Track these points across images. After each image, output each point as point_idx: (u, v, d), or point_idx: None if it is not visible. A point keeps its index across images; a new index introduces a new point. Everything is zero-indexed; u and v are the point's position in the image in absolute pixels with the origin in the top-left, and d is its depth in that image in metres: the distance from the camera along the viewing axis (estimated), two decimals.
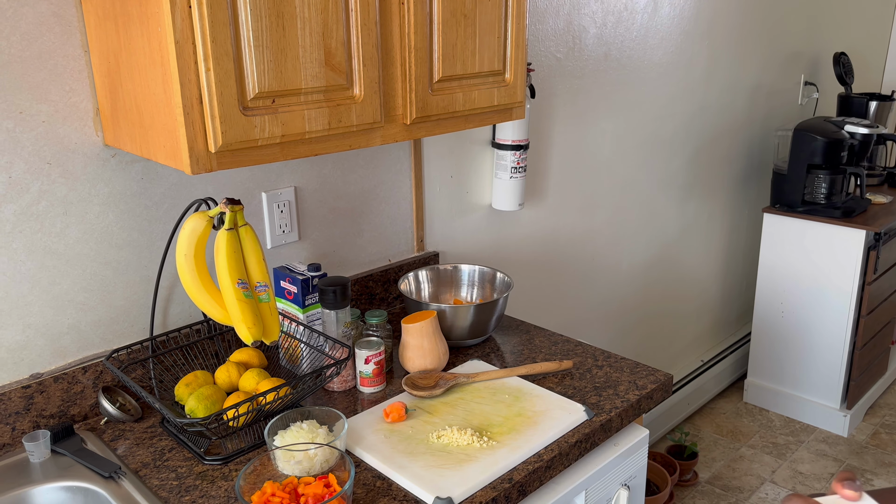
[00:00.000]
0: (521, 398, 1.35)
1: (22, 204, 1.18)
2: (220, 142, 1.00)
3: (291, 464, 1.09)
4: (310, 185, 1.56)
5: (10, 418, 1.21)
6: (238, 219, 1.15)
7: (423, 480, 1.11)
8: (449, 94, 1.29)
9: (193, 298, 1.18)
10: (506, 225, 2.05)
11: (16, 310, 1.21)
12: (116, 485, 1.13)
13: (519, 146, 1.88)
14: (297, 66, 1.06)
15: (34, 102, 1.16)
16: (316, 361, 1.37)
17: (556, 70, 2.06)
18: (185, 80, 0.97)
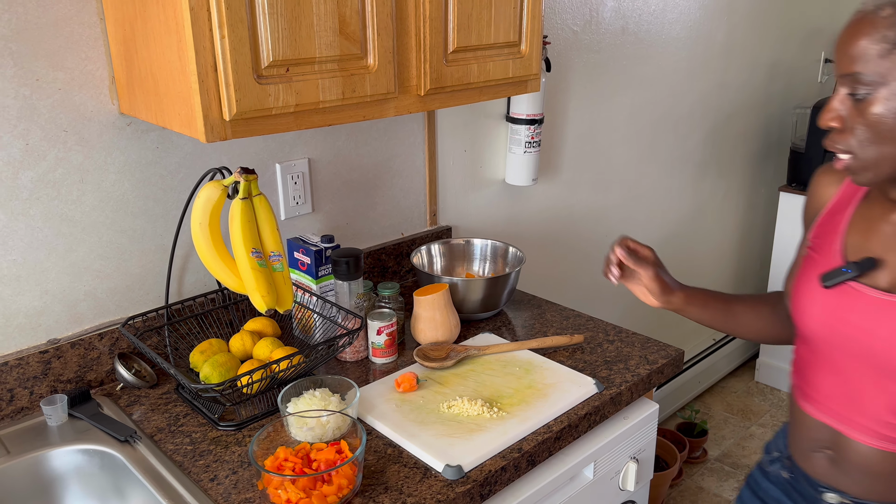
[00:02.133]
0: (532, 371, 1.35)
1: (39, 171, 1.20)
2: (235, 110, 1.00)
3: (304, 430, 1.10)
4: (324, 156, 1.56)
5: (28, 382, 1.24)
6: (252, 188, 1.16)
7: (434, 448, 1.12)
8: (464, 66, 1.28)
9: (208, 267, 1.19)
10: (519, 200, 2.05)
11: (33, 276, 1.23)
12: (132, 449, 1.15)
13: (533, 120, 1.87)
14: (311, 34, 1.05)
15: (50, 70, 1.17)
16: (329, 332, 1.38)
17: (573, 43, 2.04)
18: (200, 48, 0.97)
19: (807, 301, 1.02)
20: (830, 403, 1.02)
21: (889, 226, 0.96)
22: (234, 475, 1.09)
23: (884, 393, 0.96)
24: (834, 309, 0.98)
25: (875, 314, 0.94)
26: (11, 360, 1.21)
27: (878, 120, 0.86)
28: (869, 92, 0.86)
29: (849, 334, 0.97)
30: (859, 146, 0.88)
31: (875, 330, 0.94)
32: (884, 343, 0.94)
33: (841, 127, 0.89)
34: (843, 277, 0.96)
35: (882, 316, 0.94)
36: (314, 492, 1.00)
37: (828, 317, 0.99)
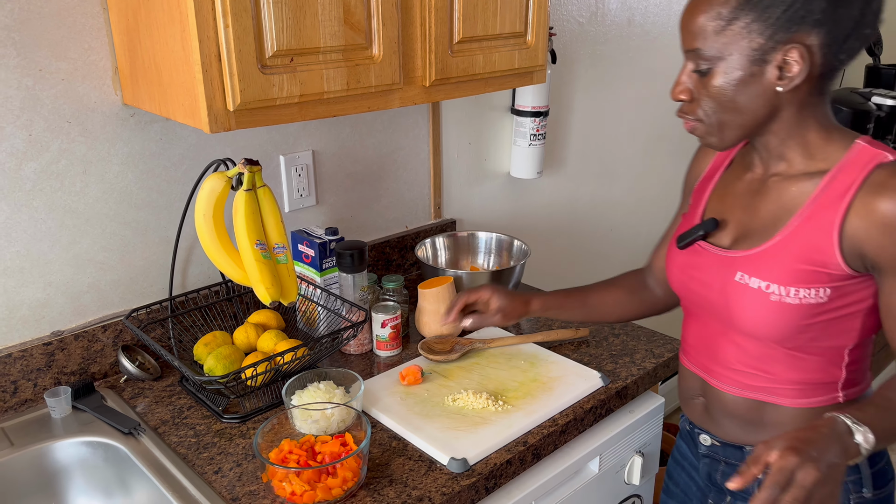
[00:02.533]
0: (537, 364, 1.35)
1: (42, 162, 1.19)
2: (239, 100, 1.00)
3: (308, 423, 1.10)
4: (328, 148, 1.55)
5: (31, 374, 1.23)
6: (256, 180, 1.15)
7: (439, 441, 1.12)
8: (469, 56, 1.27)
9: (212, 259, 1.18)
10: (524, 193, 2.04)
11: (37, 268, 1.22)
12: (136, 441, 1.14)
13: (538, 113, 1.86)
14: (315, 23, 1.04)
15: (53, 60, 1.16)
16: (333, 324, 1.37)
17: (578, 35, 2.02)
18: (204, 37, 0.96)
19: (669, 261, 1.11)
20: (696, 355, 1.11)
21: (740, 187, 1.03)
22: (239, 467, 1.09)
23: (731, 343, 1.03)
24: (685, 266, 1.07)
25: (713, 269, 1.02)
26: (15, 351, 1.21)
27: (720, 91, 0.91)
28: (710, 66, 0.91)
29: (696, 290, 1.06)
30: (705, 115, 0.94)
31: (713, 284, 1.02)
32: (718, 295, 1.01)
33: (689, 98, 0.95)
34: (691, 237, 1.04)
35: (717, 271, 1.01)
36: (319, 484, 1.00)
37: (682, 274, 1.08)
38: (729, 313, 1.00)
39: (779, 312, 0.95)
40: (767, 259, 0.96)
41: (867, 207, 0.88)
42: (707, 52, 0.90)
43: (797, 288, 0.93)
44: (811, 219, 0.92)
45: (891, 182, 0.87)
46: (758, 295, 0.96)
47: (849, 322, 0.96)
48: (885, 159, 0.89)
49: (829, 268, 0.91)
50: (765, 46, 0.87)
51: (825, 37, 0.86)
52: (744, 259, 0.98)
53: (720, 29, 0.89)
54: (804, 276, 0.93)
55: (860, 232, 0.89)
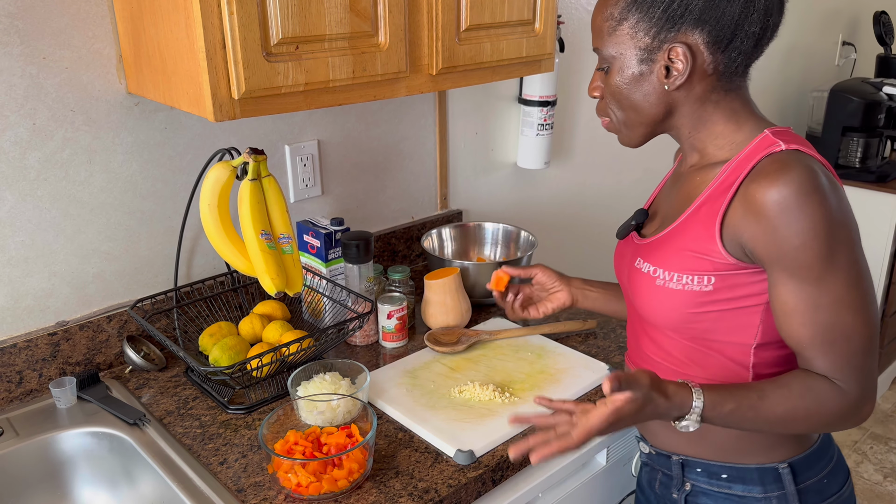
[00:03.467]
0: (544, 356, 1.34)
1: (46, 151, 1.18)
2: (244, 88, 0.98)
3: (314, 414, 1.09)
4: (333, 138, 1.54)
5: (37, 364, 1.23)
6: (262, 169, 1.14)
7: (445, 433, 1.11)
8: (476, 44, 1.26)
9: (217, 249, 1.17)
10: (531, 183, 2.02)
11: (41, 257, 1.22)
12: (141, 431, 1.14)
13: (546, 102, 1.84)
14: (321, 10, 1.03)
15: (57, 48, 1.15)
16: (338, 315, 1.36)
17: (586, 24, 2.00)
18: (209, 25, 0.95)
19: (615, 252, 1.13)
20: (630, 352, 1.11)
21: (675, 181, 1.04)
22: (244, 458, 1.08)
23: (646, 336, 1.04)
24: (617, 257, 1.10)
25: (630, 257, 1.04)
26: (20, 341, 1.20)
27: (617, 89, 0.94)
28: (608, 65, 0.94)
29: (622, 280, 1.08)
30: (611, 112, 0.97)
31: (623, 271, 1.06)
32: (626, 282, 1.04)
33: (600, 96, 0.98)
34: (625, 227, 1.07)
35: (627, 258, 1.04)
36: (325, 476, 0.99)
37: (616, 265, 1.11)
38: (631, 300, 1.04)
39: (663, 297, 0.95)
40: (660, 246, 0.97)
41: (745, 195, 0.87)
42: (604, 52, 0.94)
43: (680, 274, 0.93)
44: (701, 207, 0.93)
45: (770, 168, 0.85)
46: (647, 280, 0.97)
47: (744, 317, 0.93)
48: (777, 148, 0.87)
49: (712, 255, 0.90)
50: (650, 46, 0.90)
51: (708, 35, 0.87)
52: (644, 246, 1.01)
53: (612, 30, 0.92)
54: (688, 263, 0.93)
55: (737, 219, 0.88)
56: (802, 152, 0.87)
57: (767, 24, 0.89)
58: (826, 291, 0.85)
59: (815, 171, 0.84)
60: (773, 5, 0.89)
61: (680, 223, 0.95)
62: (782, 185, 0.83)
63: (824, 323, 0.86)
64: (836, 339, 0.86)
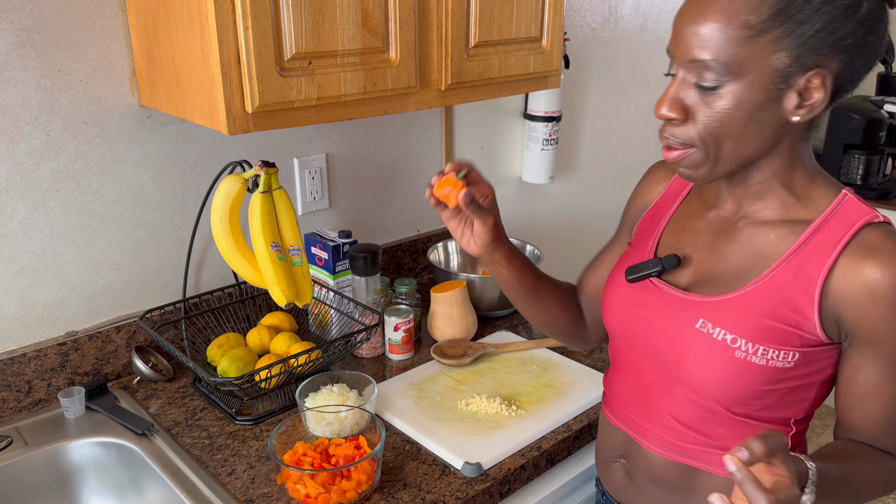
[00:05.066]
0: (550, 369, 1.34)
1: (59, 163, 1.19)
2: (257, 102, 1.00)
3: (322, 425, 1.10)
4: (341, 152, 1.55)
5: (46, 374, 1.23)
6: (272, 182, 1.15)
7: (452, 446, 1.11)
8: (484, 60, 1.27)
9: (227, 260, 1.18)
10: (535, 198, 2.03)
11: (52, 268, 1.23)
12: (149, 442, 1.15)
13: (551, 118, 1.86)
14: (334, 27, 1.04)
15: (72, 61, 1.17)
16: (345, 327, 1.37)
17: (591, 40, 2.02)
18: (224, 39, 0.96)
19: (610, 293, 0.98)
20: (624, 407, 0.98)
21: (701, 224, 0.92)
22: (252, 469, 1.09)
23: (670, 397, 0.91)
24: (631, 303, 0.94)
25: (667, 311, 0.90)
26: (30, 351, 1.21)
27: (727, 115, 0.77)
28: (721, 83, 0.76)
29: (640, 331, 0.93)
30: (700, 140, 0.79)
31: (664, 328, 0.90)
32: (669, 342, 0.89)
33: (682, 118, 0.79)
34: (645, 272, 0.92)
35: (673, 314, 0.89)
36: (333, 487, 0.99)
37: (624, 310, 0.95)
38: (679, 363, 0.88)
39: (740, 371, 0.83)
40: (736, 309, 0.84)
41: (855, 270, 0.79)
42: (721, 66, 0.75)
43: (766, 347, 0.82)
44: (790, 272, 0.82)
45: (883, 246, 0.78)
46: (720, 348, 0.84)
47: (805, 392, 0.86)
48: (875, 218, 0.81)
49: (803, 329, 0.81)
50: (790, 68, 0.75)
51: (845, 65, 0.76)
52: (709, 305, 0.86)
53: (743, 41, 0.74)
54: (775, 335, 0.82)
55: (843, 295, 0.79)
56: None
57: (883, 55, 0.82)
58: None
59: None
60: None
61: (761, 286, 0.83)
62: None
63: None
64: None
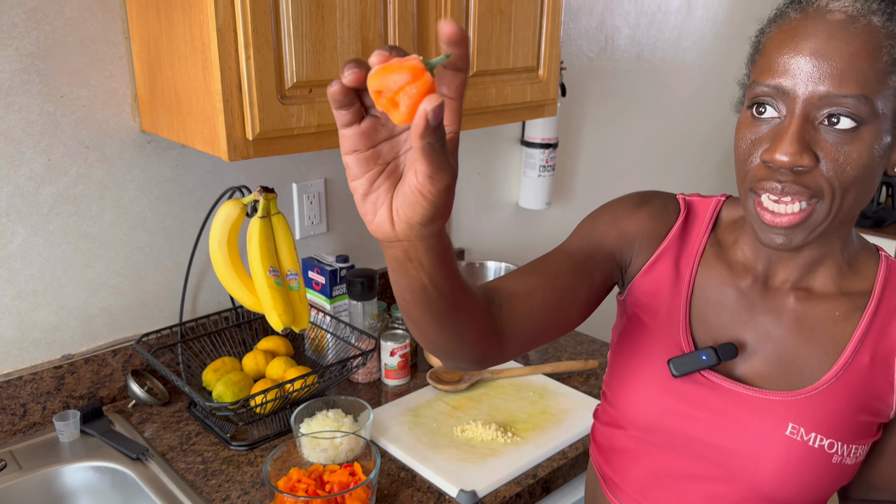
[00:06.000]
0: (546, 396, 1.34)
1: (59, 186, 1.20)
2: (258, 129, 1.01)
3: (317, 451, 1.10)
4: (339, 177, 1.56)
5: (41, 397, 1.23)
6: (271, 207, 1.16)
7: (448, 473, 1.11)
8: (482, 89, 1.29)
9: (225, 285, 1.19)
10: (532, 223, 2.05)
11: (50, 291, 1.23)
12: (144, 466, 1.14)
13: (548, 144, 1.88)
14: (334, 56, 1.06)
15: (75, 87, 1.18)
16: (341, 352, 1.37)
17: (588, 69, 2.05)
18: (226, 68, 0.98)
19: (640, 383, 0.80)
20: (640, 498, 0.84)
21: (740, 299, 0.78)
22: (247, 495, 1.08)
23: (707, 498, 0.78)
24: (675, 398, 0.78)
25: (738, 412, 0.76)
26: (26, 374, 1.21)
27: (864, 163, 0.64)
28: (861, 123, 0.64)
29: (693, 432, 0.77)
30: (829, 191, 0.65)
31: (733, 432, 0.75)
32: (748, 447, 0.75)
33: (812, 165, 0.64)
34: (698, 366, 0.76)
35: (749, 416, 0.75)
36: None
37: (665, 406, 0.78)
38: (752, 470, 0.74)
39: (835, 477, 0.72)
40: (824, 407, 0.72)
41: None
42: (867, 103, 0.63)
43: (857, 445, 0.72)
44: (867, 355, 0.72)
45: None
46: (819, 457, 0.71)
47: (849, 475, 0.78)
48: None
49: (881, 417, 0.73)
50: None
51: None
52: (793, 405, 0.73)
53: (884, 76, 0.63)
54: (864, 430, 0.72)
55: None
56: None
57: None
58: None
59: None
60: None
61: (843, 376, 0.72)
62: None
63: None
64: None
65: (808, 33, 0.64)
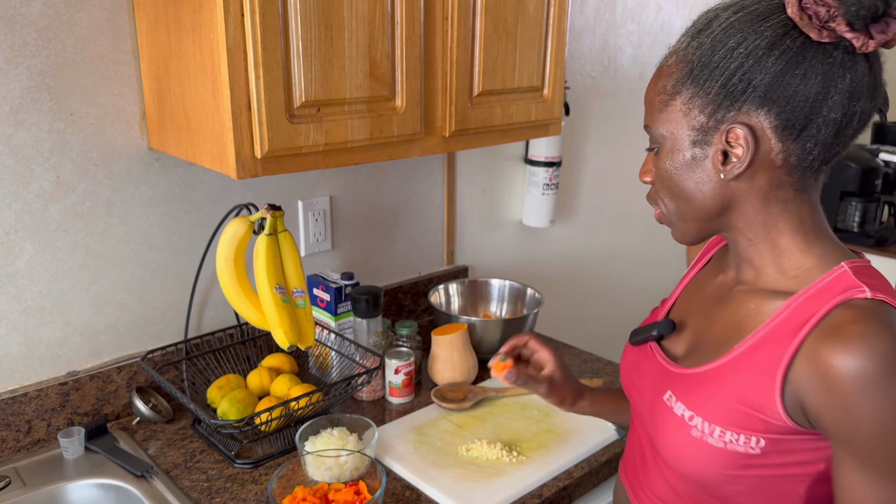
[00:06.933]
0: (551, 415, 1.34)
1: (68, 203, 1.21)
2: (266, 148, 1.02)
3: (322, 470, 1.09)
4: (345, 194, 1.57)
5: (46, 414, 1.23)
6: (278, 225, 1.17)
7: (453, 492, 1.11)
8: (488, 108, 1.30)
9: (231, 302, 1.19)
10: (536, 241, 2.05)
11: (56, 307, 1.23)
12: (148, 484, 1.14)
13: (552, 163, 1.89)
14: (342, 76, 1.07)
15: (84, 105, 1.19)
16: (346, 370, 1.37)
17: (591, 89, 2.06)
18: (235, 87, 0.99)
19: (622, 356, 0.98)
20: (628, 468, 0.96)
21: (709, 290, 0.89)
22: None
23: (658, 471, 0.88)
24: (631, 368, 0.93)
25: (651, 379, 0.87)
26: (31, 391, 1.21)
27: (667, 175, 0.79)
28: (658, 146, 0.80)
29: (635, 398, 0.91)
30: (661, 202, 0.83)
31: (645, 395, 0.87)
32: (648, 411, 0.86)
33: (651, 181, 0.83)
34: (645, 336, 0.90)
35: (653, 382, 0.86)
36: None
37: (627, 374, 0.94)
38: (654, 435, 0.85)
39: (697, 451, 0.78)
40: (699, 385, 0.80)
41: (816, 353, 0.69)
42: (654, 130, 0.80)
43: (723, 429, 0.76)
44: (758, 349, 0.75)
45: (850, 328, 0.68)
46: (678, 424, 0.80)
47: (789, 485, 0.76)
48: (856, 295, 0.70)
49: (767, 414, 0.73)
50: (706, 125, 0.75)
51: (776, 117, 0.72)
52: (678, 377, 0.83)
53: (663, 105, 0.78)
54: (735, 418, 0.75)
55: (803, 380, 0.70)
56: (892, 307, 0.70)
57: (852, 110, 0.71)
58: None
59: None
60: (863, 88, 0.71)
61: (728, 361, 0.78)
62: (864, 356, 0.66)
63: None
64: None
65: None
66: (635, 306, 2.46)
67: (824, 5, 0.68)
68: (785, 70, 0.70)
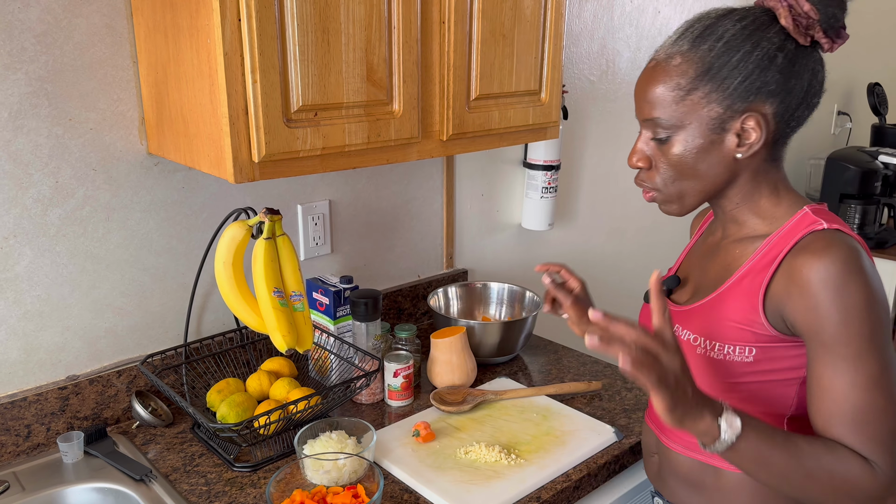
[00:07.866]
0: (550, 417, 1.34)
1: (67, 208, 1.21)
2: (264, 152, 1.02)
3: (320, 473, 1.09)
4: (344, 198, 1.58)
5: (45, 418, 1.23)
6: (276, 229, 1.17)
7: (451, 495, 1.11)
8: (485, 112, 1.31)
9: (230, 305, 1.19)
10: (535, 245, 2.05)
11: (56, 312, 1.24)
12: (147, 488, 1.14)
13: (550, 166, 1.89)
14: (339, 80, 1.08)
15: (83, 110, 1.20)
16: (345, 373, 1.37)
17: (589, 92, 2.07)
18: (233, 91, 0.99)
19: (641, 312, 1.15)
20: (653, 411, 1.08)
21: (704, 248, 1.07)
22: None
23: None
24: (648, 321, 1.04)
25: None
26: (31, 395, 1.21)
27: (679, 159, 0.93)
28: (669, 134, 0.93)
29: None
30: (663, 183, 0.96)
31: None
32: None
33: (647, 166, 0.97)
34: None
35: None
36: None
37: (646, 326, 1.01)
38: None
39: (705, 366, 0.96)
40: (699, 314, 0.98)
41: (790, 269, 0.88)
42: (666, 121, 0.92)
43: (721, 344, 0.94)
44: (743, 279, 0.94)
45: (815, 245, 0.87)
46: (687, 347, 0.98)
47: (781, 388, 0.94)
48: (819, 226, 0.90)
49: (754, 327, 0.92)
50: (723, 115, 0.90)
51: (778, 106, 0.90)
52: (682, 313, 1.02)
53: (679, 99, 0.91)
54: (730, 333, 0.94)
55: (780, 291, 0.89)
56: (844, 232, 0.89)
57: (821, 94, 0.94)
58: (862, 370, 0.84)
59: (858, 251, 0.86)
60: (825, 77, 0.94)
61: (721, 293, 0.96)
62: (828, 262, 0.85)
63: (858, 401, 0.84)
64: (869, 419, 0.84)
65: (640, 77, 0.97)
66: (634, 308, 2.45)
67: (807, 17, 0.89)
68: (787, 68, 0.89)
